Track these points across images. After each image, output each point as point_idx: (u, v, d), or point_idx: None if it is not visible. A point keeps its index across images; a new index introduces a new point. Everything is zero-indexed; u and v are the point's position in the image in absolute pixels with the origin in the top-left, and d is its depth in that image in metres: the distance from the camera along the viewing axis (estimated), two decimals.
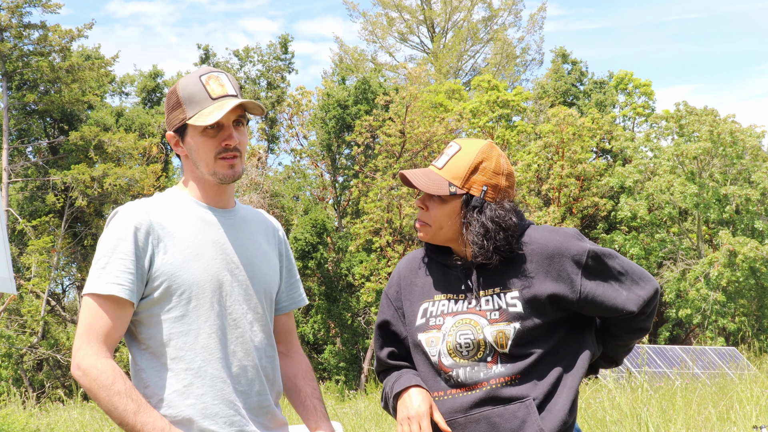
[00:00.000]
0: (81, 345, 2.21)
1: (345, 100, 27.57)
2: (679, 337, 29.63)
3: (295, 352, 2.60)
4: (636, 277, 2.48)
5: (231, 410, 2.27)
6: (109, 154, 25.52)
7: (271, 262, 2.47)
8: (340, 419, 9.96)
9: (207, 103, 2.30)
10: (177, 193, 2.40)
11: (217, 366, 2.26)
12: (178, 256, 2.27)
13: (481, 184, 2.44)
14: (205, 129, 2.30)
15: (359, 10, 42.78)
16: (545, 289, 2.39)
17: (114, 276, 2.21)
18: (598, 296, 2.41)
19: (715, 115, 27.21)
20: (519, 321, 2.37)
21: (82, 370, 2.18)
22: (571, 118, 27.33)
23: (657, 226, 28.67)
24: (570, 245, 2.42)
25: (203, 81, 2.33)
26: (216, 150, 2.31)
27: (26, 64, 24.82)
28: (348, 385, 23.72)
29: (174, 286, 2.25)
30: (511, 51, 39.64)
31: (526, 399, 2.36)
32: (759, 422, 7.39)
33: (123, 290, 2.21)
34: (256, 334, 2.37)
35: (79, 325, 2.25)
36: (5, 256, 6.08)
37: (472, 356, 2.40)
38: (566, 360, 2.44)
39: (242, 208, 2.49)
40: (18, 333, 22.88)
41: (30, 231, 24.60)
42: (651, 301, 2.49)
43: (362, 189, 24.62)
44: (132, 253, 2.23)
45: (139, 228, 2.25)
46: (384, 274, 23.26)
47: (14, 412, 11.92)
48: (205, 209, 2.37)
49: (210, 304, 2.28)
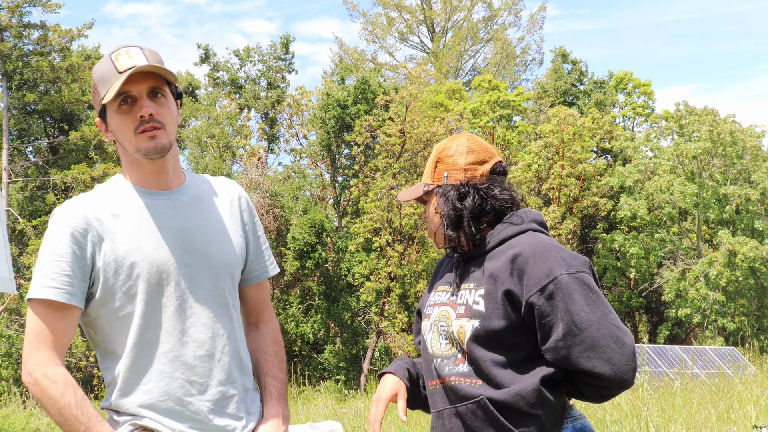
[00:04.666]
0: (31, 352, 2.14)
1: (345, 100, 27.57)
2: (678, 337, 29.64)
3: (263, 324, 2.47)
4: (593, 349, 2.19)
5: (179, 406, 2.19)
6: (109, 154, 25.54)
7: (228, 238, 2.33)
8: (340, 419, 9.96)
9: (114, 78, 2.17)
10: (117, 181, 2.30)
11: (162, 361, 2.19)
12: (118, 250, 2.17)
13: (443, 172, 2.45)
14: (119, 106, 2.19)
15: (359, 9, 42.84)
16: (503, 285, 2.28)
17: (50, 279, 2.13)
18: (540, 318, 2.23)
19: (715, 115, 27.22)
20: (479, 319, 2.29)
21: (33, 379, 2.12)
22: (571, 118, 27.34)
23: (657, 225, 28.68)
24: (552, 267, 2.24)
25: (112, 58, 2.20)
26: (134, 125, 2.18)
27: (26, 63, 24.83)
28: (348, 385, 23.72)
29: (118, 283, 2.17)
30: (511, 51, 39.64)
31: (479, 398, 2.28)
32: (759, 422, 7.39)
33: (60, 294, 2.13)
34: (217, 320, 2.26)
35: (27, 331, 2.17)
36: (5, 255, 6.07)
37: (447, 349, 2.38)
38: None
39: (193, 184, 2.36)
40: (18, 333, 22.88)
41: (30, 231, 24.60)
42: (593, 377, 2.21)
43: (362, 189, 24.62)
44: (69, 255, 2.15)
45: (75, 228, 2.16)
46: (383, 273, 23.26)
47: (15, 411, 11.94)
48: (145, 195, 2.26)
49: (155, 297, 2.19)
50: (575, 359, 2.21)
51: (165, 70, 2.19)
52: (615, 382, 2.20)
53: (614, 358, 2.19)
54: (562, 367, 2.24)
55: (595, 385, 2.24)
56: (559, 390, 2.29)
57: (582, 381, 2.26)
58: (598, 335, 2.20)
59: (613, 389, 2.24)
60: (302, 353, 26.97)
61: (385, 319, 23.36)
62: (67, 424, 2.09)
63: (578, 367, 2.21)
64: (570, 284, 2.22)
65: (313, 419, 10.49)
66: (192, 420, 2.21)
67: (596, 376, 2.21)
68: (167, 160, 2.27)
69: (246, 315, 2.48)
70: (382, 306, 23.67)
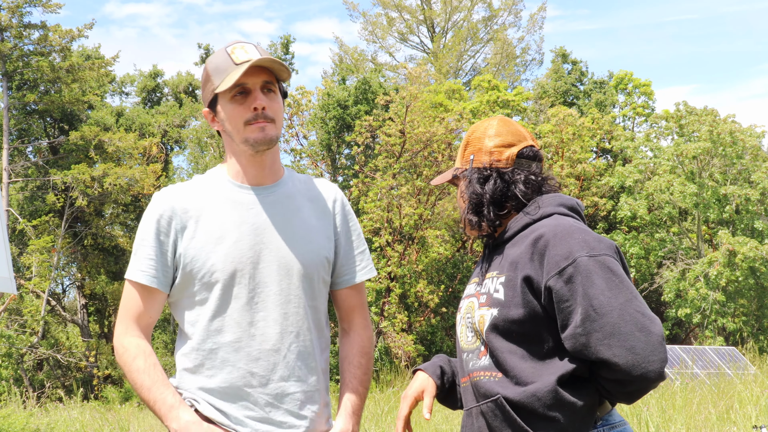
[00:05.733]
0: (117, 324, 2.36)
1: (345, 100, 27.59)
2: (678, 337, 29.65)
3: (354, 332, 2.47)
4: (614, 336, 2.04)
5: (238, 395, 2.26)
6: (109, 154, 25.53)
7: (311, 238, 2.36)
8: None
9: (231, 69, 2.26)
10: (216, 173, 2.40)
11: (227, 350, 2.27)
12: (199, 240, 2.29)
13: (470, 155, 2.39)
14: (233, 96, 2.29)
15: (359, 10, 42.82)
16: (523, 271, 2.18)
17: (139, 263, 2.33)
18: (558, 303, 2.12)
19: (715, 115, 27.22)
20: (498, 308, 2.20)
21: (115, 347, 2.33)
22: (570, 118, 27.34)
23: (657, 225, 28.68)
24: (572, 248, 2.13)
25: (228, 51, 2.31)
26: (246, 116, 2.28)
27: (26, 63, 24.82)
28: None
29: (195, 270, 2.29)
30: (511, 51, 39.64)
31: (497, 397, 2.18)
32: (759, 422, 7.39)
33: (145, 277, 2.31)
34: (287, 317, 2.30)
35: (119, 307, 2.39)
36: (5, 255, 6.08)
37: (472, 342, 2.31)
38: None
39: (289, 181, 2.41)
40: (18, 333, 22.88)
41: (30, 231, 24.60)
42: (612, 369, 2.05)
43: (362, 189, 24.62)
44: (154, 241, 2.31)
45: (162, 215, 2.31)
46: (383, 273, 23.27)
47: (14, 411, 11.94)
48: (238, 189, 2.35)
49: (228, 288, 2.27)
50: (594, 347, 2.05)
51: (281, 66, 2.28)
52: (638, 374, 2.02)
53: (638, 347, 2.02)
54: (582, 358, 2.10)
55: (618, 380, 2.07)
56: (584, 390, 2.13)
57: (604, 377, 2.10)
58: (620, 322, 2.03)
59: (638, 383, 2.05)
60: None
61: (385, 319, 23.37)
62: (135, 386, 2.28)
63: (598, 356, 2.05)
64: (590, 267, 2.08)
65: None
66: (248, 410, 2.27)
67: (617, 368, 2.03)
68: (267, 155, 2.35)
69: (339, 320, 2.52)
70: (382, 306, 23.68)
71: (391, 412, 9.88)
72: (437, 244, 23.40)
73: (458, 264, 24.94)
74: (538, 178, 2.33)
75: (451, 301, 24.47)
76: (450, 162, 23.71)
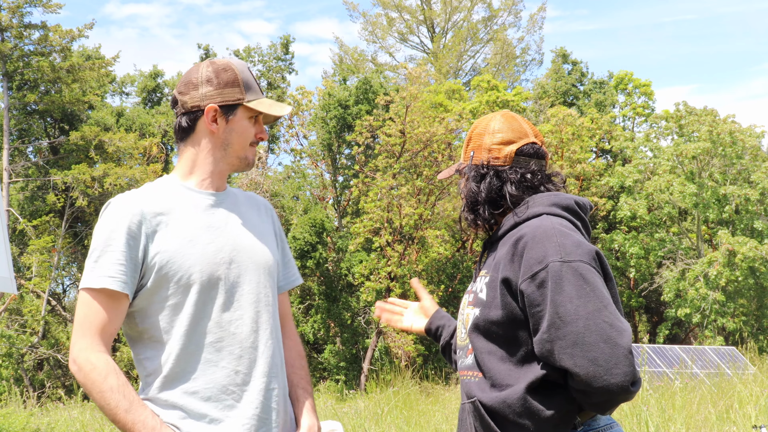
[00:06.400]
0: (77, 339, 2.21)
1: (346, 100, 27.60)
2: (678, 337, 29.66)
3: (288, 337, 2.53)
4: (577, 346, 1.99)
5: (224, 394, 2.25)
6: (109, 154, 25.54)
7: (268, 241, 2.46)
8: (340, 419, 9.98)
9: (260, 95, 2.40)
10: (171, 180, 2.40)
11: (210, 350, 2.26)
12: (172, 243, 2.26)
13: (471, 151, 2.36)
14: (250, 117, 2.38)
15: (359, 10, 42.82)
16: (502, 273, 2.15)
17: (106, 269, 2.21)
18: (530, 308, 2.09)
19: (715, 115, 27.24)
20: (480, 307, 2.20)
21: (77, 365, 2.18)
22: (570, 118, 27.35)
23: (656, 225, 28.69)
24: (547, 252, 2.08)
25: (253, 74, 2.45)
26: (252, 139, 2.40)
27: (27, 64, 24.84)
28: (348, 385, 23.73)
29: (170, 273, 2.25)
30: (510, 51, 39.65)
31: (473, 399, 2.18)
32: (758, 422, 7.40)
33: (115, 282, 2.21)
34: (260, 316, 2.34)
35: (75, 319, 2.25)
36: (6, 255, 6.09)
37: (463, 339, 2.32)
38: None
39: (232, 190, 2.49)
40: (19, 333, 22.90)
41: (30, 231, 24.61)
42: (575, 379, 2.01)
43: (362, 189, 24.63)
44: (124, 245, 2.22)
45: (131, 219, 2.25)
46: (384, 273, 23.28)
47: (15, 411, 11.94)
48: (198, 193, 2.37)
49: (206, 289, 2.27)
50: (558, 355, 2.01)
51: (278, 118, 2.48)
52: (599, 386, 1.96)
53: (600, 358, 1.96)
54: (548, 363, 2.07)
55: (582, 390, 2.02)
56: (555, 398, 2.09)
57: (571, 386, 2.05)
58: (585, 331, 1.98)
59: (600, 395, 1.99)
60: None
61: None
62: (109, 408, 2.15)
63: (561, 364, 2.01)
64: (561, 272, 2.02)
65: None
66: (233, 409, 2.26)
67: (579, 378, 1.99)
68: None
69: None
70: None
71: (391, 412, 9.90)
72: (437, 244, 23.42)
73: (458, 264, 24.95)
74: (536, 176, 2.28)
75: (451, 301, 24.48)
76: (450, 162, 23.73)
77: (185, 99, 2.37)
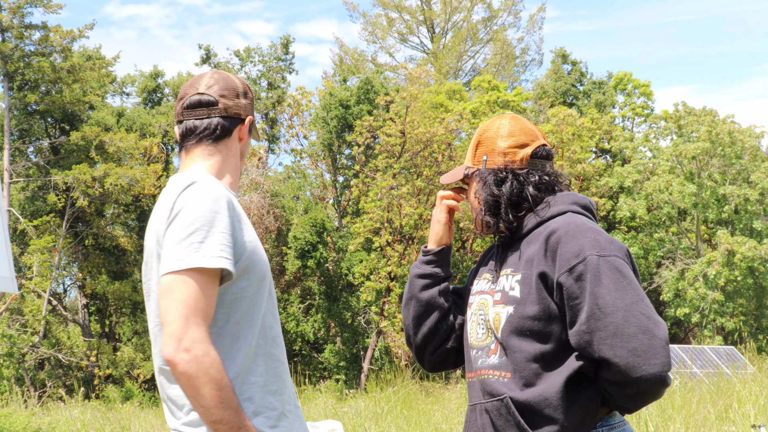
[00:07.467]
0: (189, 327, 2.01)
1: (347, 100, 27.63)
2: (677, 336, 29.70)
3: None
4: (617, 336, 2.06)
5: (284, 386, 2.26)
6: (110, 154, 25.57)
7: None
8: (340, 419, 10.01)
9: (256, 126, 2.51)
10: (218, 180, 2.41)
11: (272, 345, 2.25)
12: (251, 234, 2.23)
13: (483, 155, 2.39)
14: (252, 132, 2.47)
15: (359, 10, 42.83)
16: (538, 268, 2.21)
17: (219, 249, 2.06)
18: (568, 300, 2.15)
19: (714, 115, 27.27)
20: (513, 305, 2.23)
21: (193, 356, 1.98)
22: (570, 119, 27.38)
23: (656, 225, 28.73)
24: (583, 246, 2.16)
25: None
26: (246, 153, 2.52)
27: (27, 64, 24.87)
28: (348, 385, 23.77)
29: (251, 264, 2.18)
30: (510, 51, 39.68)
31: (503, 396, 2.21)
32: (757, 421, 7.43)
33: (230, 263, 2.08)
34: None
35: (179, 305, 2.02)
36: (7, 255, 6.10)
37: (483, 339, 2.33)
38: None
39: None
40: (19, 332, 22.93)
41: (31, 231, 24.65)
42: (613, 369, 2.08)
43: (362, 189, 24.67)
44: (229, 227, 2.12)
45: (228, 203, 2.17)
46: (384, 273, 23.32)
47: (16, 411, 11.99)
48: (232, 194, 2.39)
49: (269, 285, 2.27)
50: (597, 346, 2.08)
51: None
52: (638, 376, 2.05)
53: (639, 349, 2.04)
54: (585, 355, 2.13)
55: (618, 382, 2.10)
56: (588, 391, 2.18)
57: (605, 378, 2.13)
58: (624, 323, 2.06)
59: (637, 385, 2.08)
60: (302, 353, 27.04)
61: (385, 319, 23.42)
62: (224, 404, 2.02)
63: (599, 354, 2.08)
64: (599, 266, 2.11)
65: (314, 418, 10.53)
66: (289, 403, 2.28)
67: (617, 368, 2.06)
68: None
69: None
70: (382, 306, 23.73)
71: (391, 411, 9.93)
72: None
73: (458, 264, 24.98)
74: (551, 178, 2.36)
75: None
76: (450, 162, 23.75)
77: (229, 104, 2.37)
